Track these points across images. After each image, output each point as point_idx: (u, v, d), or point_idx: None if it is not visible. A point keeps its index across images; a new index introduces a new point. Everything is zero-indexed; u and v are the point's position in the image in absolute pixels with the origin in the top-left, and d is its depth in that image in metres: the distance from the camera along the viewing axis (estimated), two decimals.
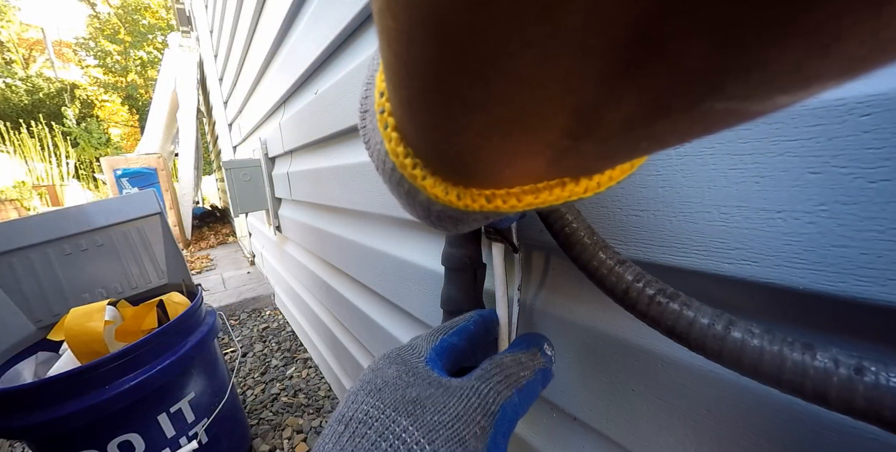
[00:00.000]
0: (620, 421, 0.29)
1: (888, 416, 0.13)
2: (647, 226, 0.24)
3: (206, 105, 3.82)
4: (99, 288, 0.98)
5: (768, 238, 0.18)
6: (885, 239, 0.15)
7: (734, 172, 0.19)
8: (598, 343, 0.29)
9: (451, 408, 0.17)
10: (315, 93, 0.80)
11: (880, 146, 0.15)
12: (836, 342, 0.18)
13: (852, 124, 0.15)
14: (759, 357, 0.16)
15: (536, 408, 0.37)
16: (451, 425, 0.16)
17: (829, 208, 0.16)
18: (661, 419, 0.26)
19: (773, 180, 0.18)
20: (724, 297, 0.22)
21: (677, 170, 0.21)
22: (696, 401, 0.24)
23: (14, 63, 14.06)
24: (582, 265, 0.23)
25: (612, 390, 0.29)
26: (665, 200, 0.22)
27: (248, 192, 1.33)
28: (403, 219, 0.55)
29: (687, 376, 0.24)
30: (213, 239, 4.07)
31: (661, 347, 0.25)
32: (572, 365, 0.32)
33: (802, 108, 0.17)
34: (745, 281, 0.20)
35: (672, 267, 0.23)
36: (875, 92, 0.15)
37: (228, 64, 1.87)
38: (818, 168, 0.16)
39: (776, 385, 0.15)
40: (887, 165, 0.15)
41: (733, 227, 0.19)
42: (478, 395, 0.18)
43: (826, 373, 0.14)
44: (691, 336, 0.18)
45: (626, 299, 0.21)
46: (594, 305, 0.29)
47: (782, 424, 0.20)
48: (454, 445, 0.16)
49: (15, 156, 6.12)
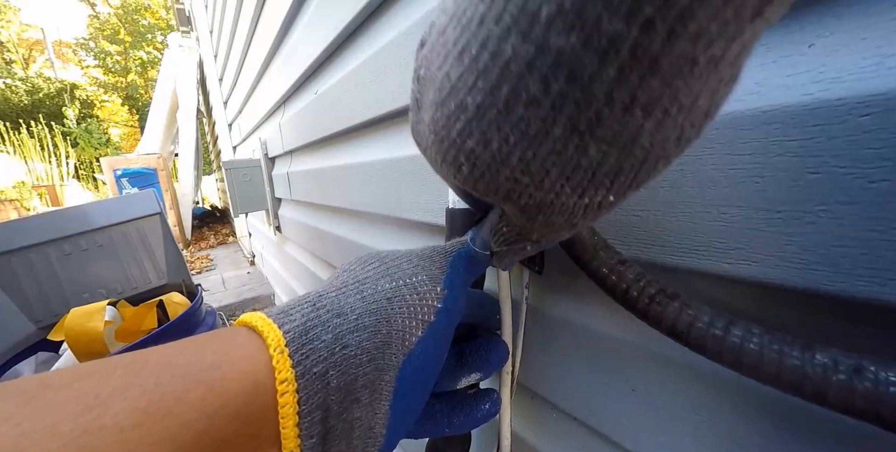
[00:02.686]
0: (620, 421, 0.29)
1: (887, 416, 0.13)
2: (647, 225, 0.24)
3: (206, 105, 3.82)
4: (99, 289, 0.98)
5: (768, 238, 0.18)
6: (885, 239, 0.15)
7: (734, 172, 0.19)
8: (598, 342, 0.29)
9: (420, 250, 0.23)
10: (315, 94, 0.80)
11: (880, 146, 0.15)
12: (835, 342, 0.18)
13: (852, 124, 0.15)
14: (759, 356, 0.16)
15: (536, 408, 0.38)
16: (421, 254, 0.22)
17: (829, 208, 0.16)
18: (661, 419, 0.26)
19: (773, 180, 0.18)
20: (724, 297, 0.22)
21: (677, 170, 0.21)
22: (695, 401, 0.24)
23: (14, 63, 14.06)
24: (583, 265, 0.23)
25: (612, 390, 0.29)
26: (665, 200, 0.22)
27: (247, 192, 1.33)
28: (403, 219, 0.55)
29: (687, 376, 0.24)
30: (213, 239, 4.07)
31: (661, 347, 0.25)
32: (572, 364, 0.32)
33: (802, 108, 0.17)
34: (745, 281, 0.20)
35: (672, 267, 0.23)
36: (875, 92, 0.15)
37: (228, 64, 1.87)
38: (818, 168, 0.16)
39: (776, 385, 0.15)
40: (887, 165, 0.15)
41: (733, 227, 0.19)
42: (439, 246, 0.24)
43: (825, 373, 0.14)
44: (691, 335, 0.18)
45: (626, 299, 0.21)
46: (594, 305, 0.29)
47: (782, 424, 0.20)
48: (423, 261, 0.22)
49: (15, 156, 6.12)
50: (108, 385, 0.13)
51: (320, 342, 0.16)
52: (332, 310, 0.17)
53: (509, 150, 0.12)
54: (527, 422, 0.39)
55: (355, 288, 0.19)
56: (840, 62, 0.16)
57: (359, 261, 0.22)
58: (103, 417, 0.12)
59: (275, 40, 1.00)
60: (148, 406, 0.12)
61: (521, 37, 0.10)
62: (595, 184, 0.12)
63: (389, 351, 0.17)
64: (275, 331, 0.15)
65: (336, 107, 0.69)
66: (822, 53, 0.17)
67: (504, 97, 0.11)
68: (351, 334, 0.16)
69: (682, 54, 0.09)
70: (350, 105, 0.63)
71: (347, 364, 0.16)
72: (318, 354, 0.15)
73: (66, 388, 0.12)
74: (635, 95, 0.10)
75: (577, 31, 0.09)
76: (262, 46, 1.13)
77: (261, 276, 2.46)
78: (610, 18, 0.08)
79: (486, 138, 0.12)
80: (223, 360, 0.14)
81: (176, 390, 0.13)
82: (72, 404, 0.12)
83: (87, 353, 0.76)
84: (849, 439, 0.18)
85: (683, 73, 0.09)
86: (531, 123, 0.11)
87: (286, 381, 0.14)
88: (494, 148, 0.12)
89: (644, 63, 0.09)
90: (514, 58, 0.10)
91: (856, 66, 0.15)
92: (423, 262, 0.22)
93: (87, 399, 0.12)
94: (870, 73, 0.15)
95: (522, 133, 0.11)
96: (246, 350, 0.15)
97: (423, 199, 0.47)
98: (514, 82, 0.11)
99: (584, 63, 0.09)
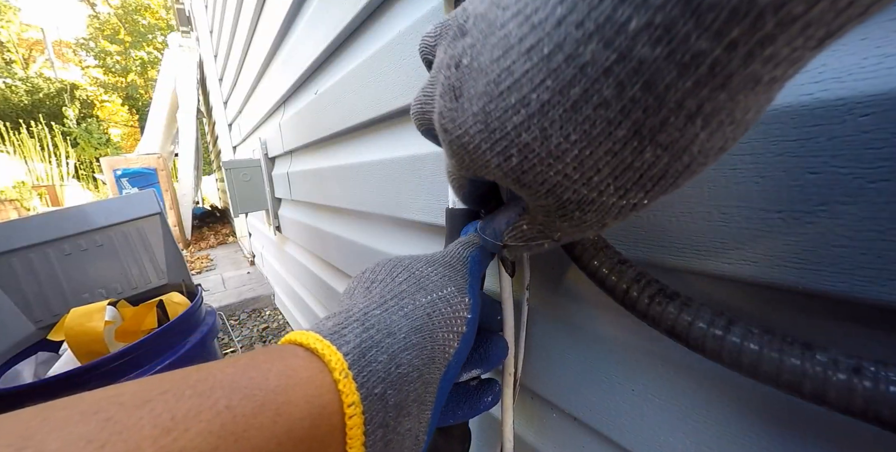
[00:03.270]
0: (620, 421, 0.29)
1: (887, 416, 0.13)
2: (647, 225, 0.24)
3: (206, 105, 3.82)
4: (99, 289, 0.98)
5: (768, 238, 0.18)
6: (885, 239, 0.15)
7: (734, 172, 0.19)
8: (598, 343, 0.29)
9: (438, 256, 0.24)
10: (315, 94, 0.80)
11: (880, 146, 0.15)
12: (835, 342, 0.18)
13: (852, 124, 0.15)
14: (759, 357, 0.16)
15: (537, 408, 0.38)
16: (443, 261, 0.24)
17: (829, 208, 0.16)
18: (661, 419, 0.26)
19: (773, 180, 0.18)
20: (723, 297, 0.22)
21: None
22: (695, 401, 0.24)
23: (14, 63, 14.06)
24: (583, 265, 0.23)
25: (612, 390, 0.29)
26: (665, 200, 0.22)
27: (248, 192, 1.33)
28: (403, 219, 0.55)
29: (687, 376, 0.24)
30: (213, 239, 4.07)
31: (661, 347, 0.25)
32: (572, 364, 0.32)
33: (802, 108, 0.17)
34: (744, 281, 0.20)
35: (672, 267, 0.23)
36: (875, 92, 0.15)
37: (228, 64, 1.87)
38: (818, 168, 0.16)
39: (775, 385, 0.15)
40: (887, 165, 0.15)
41: (733, 227, 0.19)
42: (454, 251, 0.25)
43: (825, 373, 0.14)
44: (691, 336, 0.18)
45: (626, 299, 0.21)
46: (594, 305, 0.29)
47: (783, 424, 0.20)
48: (447, 270, 0.23)
49: (15, 156, 6.11)
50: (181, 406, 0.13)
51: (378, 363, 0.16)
52: (381, 330, 0.18)
53: (567, 147, 0.12)
54: (527, 422, 0.39)
55: (395, 303, 0.20)
56: (840, 62, 0.16)
57: (384, 271, 0.23)
58: (180, 441, 0.12)
59: (275, 40, 1.00)
60: (221, 430, 0.13)
61: (604, 43, 0.10)
62: (638, 186, 0.13)
63: (434, 365, 0.19)
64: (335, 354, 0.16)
65: (336, 106, 0.69)
66: (822, 53, 0.17)
67: (574, 97, 0.11)
68: (402, 353, 0.17)
69: (752, 73, 0.10)
70: (350, 105, 0.63)
71: (402, 382, 0.17)
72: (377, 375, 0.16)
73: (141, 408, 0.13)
74: (702, 106, 0.10)
75: (664, 45, 0.10)
76: (262, 46, 1.13)
77: (261, 276, 2.46)
78: (699, 36, 0.09)
79: (546, 134, 0.12)
80: (288, 383, 0.15)
81: (246, 414, 0.13)
82: (149, 427, 0.12)
83: (87, 353, 0.76)
84: (849, 439, 0.18)
85: (747, 90, 0.10)
86: (596, 124, 0.12)
87: (353, 404, 0.15)
88: (553, 144, 0.12)
89: (719, 79, 0.10)
90: (591, 62, 0.11)
91: (856, 66, 0.15)
92: (448, 272, 0.23)
93: (164, 422, 0.12)
94: (870, 73, 0.15)
95: (585, 132, 0.12)
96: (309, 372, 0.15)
97: (423, 199, 0.47)
98: (587, 85, 0.11)
99: (664, 73, 0.10)
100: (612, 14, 0.10)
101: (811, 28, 0.09)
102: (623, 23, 0.10)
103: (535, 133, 0.13)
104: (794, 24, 0.09)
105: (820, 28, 0.09)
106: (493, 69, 0.13)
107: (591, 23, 0.10)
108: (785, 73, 0.10)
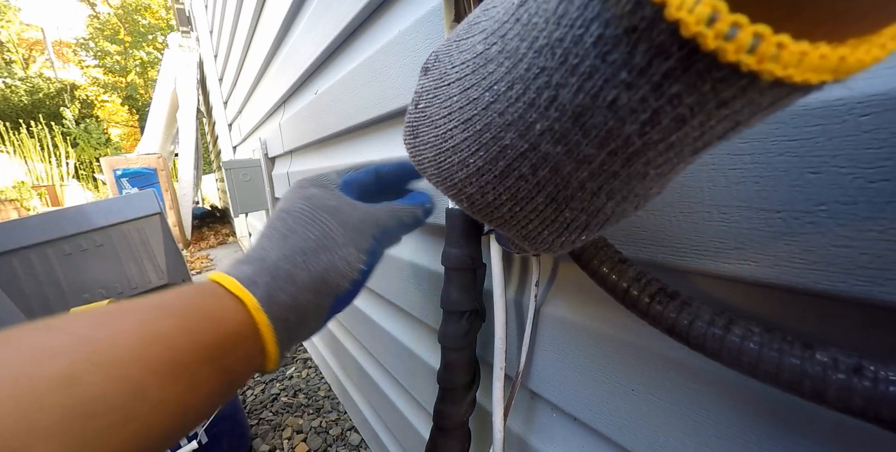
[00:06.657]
0: (620, 421, 0.29)
1: (886, 415, 0.13)
2: (648, 225, 0.24)
3: (206, 105, 3.82)
4: (99, 289, 0.98)
5: (768, 238, 0.18)
6: (885, 239, 0.15)
7: (734, 172, 0.19)
8: (598, 342, 0.29)
9: (356, 217, 0.27)
10: (315, 94, 0.80)
11: (880, 146, 0.15)
12: (835, 342, 0.18)
13: (852, 124, 0.15)
14: (758, 356, 0.16)
15: (537, 408, 0.38)
16: (354, 225, 0.26)
17: (829, 208, 0.16)
18: (661, 419, 0.26)
19: (773, 180, 0.18)
20: (723, 297, 0.22)
21: None
22: (696, 401, 0.24)
23: (14, 63, 14.06)
24: (584, 264, 0.23)
25: (612, 390, 0.29)
26: (665, 200, 0.22)
27: (247, 192, 1.33)
28: None
29: (687, 375, 0.24)
30: (213, 239, 4.07)
31: (661, 346, 0.25)
32: (572, 364, 0.32)
33: (802, 108, 0.17)
34: (744, 281, 0.20)
35: (672, 267, 0.23)
36: (875, 92, 0.15)
37: (228, 64, 1.87)
38: (818, 168, 0.16)
39: (775, 384, 0.15)
40: (887, 165, 0.15)
41: (733, 227, 0.19)
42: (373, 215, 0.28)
43: (825, 372, 0.14)
44: (691, 335, 0.18)
45: (626, 298, 0.21)
46: (594, 304, 0.29)
47: (783, 423, 0.20)
48: (354, 234, 0.26)
49: (15, 156, 6.11)
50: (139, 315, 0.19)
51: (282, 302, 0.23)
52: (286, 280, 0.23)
53: (501, 203, 0.15)
54: (526, 422, 0.39)
55: (301, 260, 0.24)
56: None
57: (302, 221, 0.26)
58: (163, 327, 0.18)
59: (275, 40, 1.00)
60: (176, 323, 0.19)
61: (519, 134, 0.13)
62: (569, 231, 0.15)
63: (326, 298, 0.25)
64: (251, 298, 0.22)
65: (336, 106, 0.69)
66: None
67: (500, 169, 0.14)
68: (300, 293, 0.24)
69: (637, 171, 0.12)
70: (350, 104, 0.63)
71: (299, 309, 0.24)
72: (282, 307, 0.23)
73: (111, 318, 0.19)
74: (601, 187, 0.13)
75: (563, 145, 0.12)
76: (262, 46, 1.13)
77: None
78: (587, 144, 0.11)
79: (484, 191, 0.15)
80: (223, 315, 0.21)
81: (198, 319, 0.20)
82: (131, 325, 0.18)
83: None
84: (849, 438, 0.18)
85: (637, 180, 0.12)
86: (520, 190, 0.14)
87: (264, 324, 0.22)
88: (490, 199, 0.15)
89: (608, 173, 0.12)
90: (510, 146, 0.13)
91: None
92: (354, 235, 0.26)
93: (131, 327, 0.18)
94: (870, 73, 0.15)
95: (512, 195, 0.14)
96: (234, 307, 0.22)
97: None
98: (508, 162, 0.13)
99: (565, 164, 0.12)
100: (524, 114, 0.12)
101: (675, 148, 0.11)
102: (530, 124, 0.12)
103: (476, 188, 0.15)
104: (657, 145, 0.11)
105: (685, 147, 0.11)
106: (440, 126, 0.15)
107: (509, 116, 0.12)
108: (674, 169, 0.12)
